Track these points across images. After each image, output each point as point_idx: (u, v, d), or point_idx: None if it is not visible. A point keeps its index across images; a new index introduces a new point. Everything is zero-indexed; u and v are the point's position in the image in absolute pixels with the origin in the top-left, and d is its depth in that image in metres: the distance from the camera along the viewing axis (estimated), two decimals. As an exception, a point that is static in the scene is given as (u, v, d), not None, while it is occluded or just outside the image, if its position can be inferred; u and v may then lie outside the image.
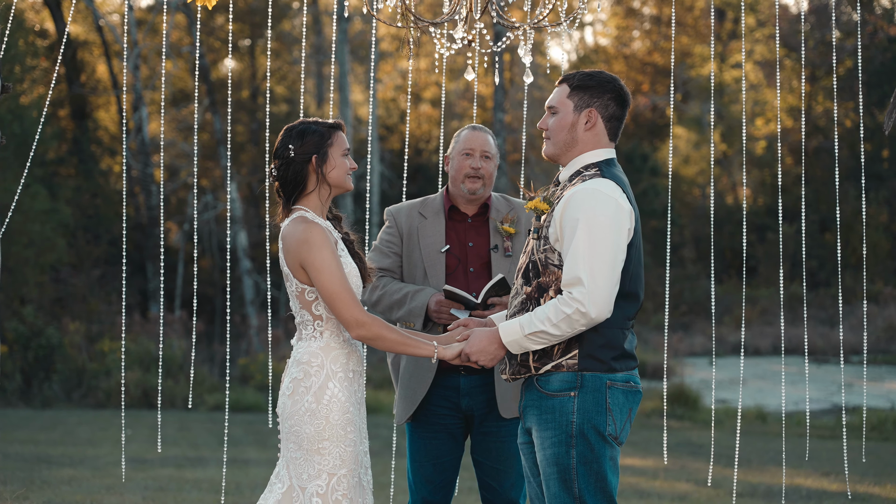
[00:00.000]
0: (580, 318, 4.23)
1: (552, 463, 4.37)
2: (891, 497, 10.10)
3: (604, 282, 4.24)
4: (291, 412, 4.47)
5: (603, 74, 4.55)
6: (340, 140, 4.57)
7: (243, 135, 28.11)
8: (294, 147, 4.53)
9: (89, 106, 27.72)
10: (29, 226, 20.15)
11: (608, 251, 4.26)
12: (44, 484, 10.01)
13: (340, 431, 4.43)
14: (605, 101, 4.51)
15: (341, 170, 4.56)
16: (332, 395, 4.45)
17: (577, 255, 4.26)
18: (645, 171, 29.78)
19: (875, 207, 28.59)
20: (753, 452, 13.46)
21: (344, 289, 4.40)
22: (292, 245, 4.49)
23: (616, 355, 4.38)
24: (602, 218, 4.28)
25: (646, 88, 35.19)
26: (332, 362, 4.48)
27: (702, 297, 27.49)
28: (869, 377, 20.73)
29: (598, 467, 4.34)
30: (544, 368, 4.38)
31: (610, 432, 4.35)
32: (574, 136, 4.51)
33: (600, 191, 4.34)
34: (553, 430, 4.36)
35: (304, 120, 4.61)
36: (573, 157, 4.53)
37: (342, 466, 4.43)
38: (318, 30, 28.85)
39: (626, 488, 10.80)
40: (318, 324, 4.52)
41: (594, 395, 4.35)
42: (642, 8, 36.19)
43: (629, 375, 4.42)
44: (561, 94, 4.54)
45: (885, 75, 27.73)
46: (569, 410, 4.34)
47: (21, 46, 21.78)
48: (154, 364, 18.77)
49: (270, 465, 11.97)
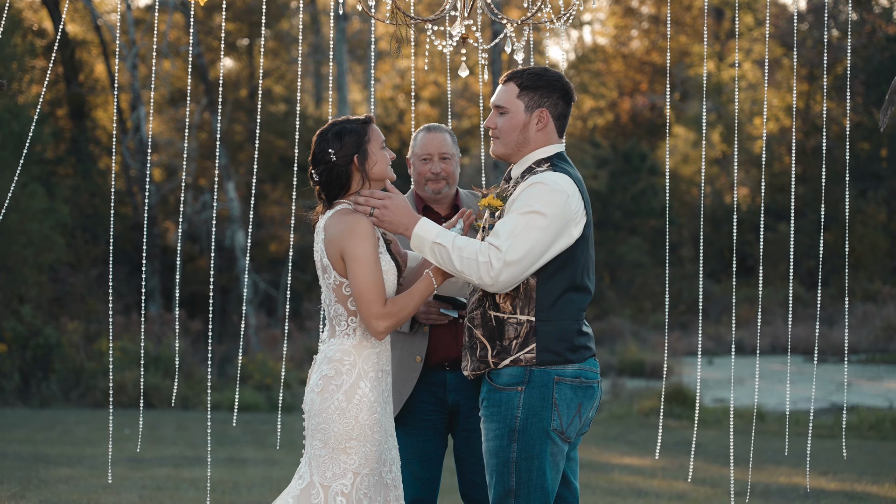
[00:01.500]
0: (484, 274, 4.31)
1: (493, 455, 4.45)
2: (889, 496, 10.10)
3: (517, 261, 4.30)
4: (320, 409, 4.44)
5: (549, 73, 4.58)
6: (376, 134, 4.56)
7: (241, 134, 28.09)
8: (334, 150, 4.49)
9: (87, 105, 27.70)
10: (27, 225, 20.14)
11: (537, 240, 4.32)
12: (41, 483, 10.00)
13: (368, 431, 4.43)
14: (555, 100, 4.56)
15: (383, 163, 4.55)
16: (363, 394, 4.44)
17: (508, 227, 4.33)
18: (643, 170, 29.79)
19: (874, 206, 28.58)
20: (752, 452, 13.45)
21: (375, 285, 4.39)
22: (336, 234, 4.44)
23: (570, 346, 4.43)
24: (546, 209, 4.34)
25: (644, 88, 35.19)
26: (364, 361, 4.47)
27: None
28: (867, 376, 20.72)
29: (539, 463, 4.39)
30: (503, 363, 4.45)
31: (555, 427, 4.40)
32: (526, 136, 4.55)
33: (551, 183, 4.40)
34: (497, 422, 4.44)
35: (335, 121, 4.57)
36: (524, 155, 4.58)
37: (366, 466, 4.44)
38: (317, 29, 28.85)
39: (624, 487, 10.80)
40: (352, 320, 4.49)
41: (541, 390, 4.40)
42: (641, 7, 36.18)
43: (581, 370, 4.46)
44: (509, 93, 4.56)
45: (884, 74, 27.72)
46: (514, 405, 4.41)
47: (19, 45, 21.76)
48: (152, 363, 18.76)
49: (268, 464, 11.96)
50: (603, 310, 27.20)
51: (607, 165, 30.50)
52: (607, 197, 29.75)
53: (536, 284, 4.42)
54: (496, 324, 4.47)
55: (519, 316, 4.43)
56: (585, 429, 4.61)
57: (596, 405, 4.57)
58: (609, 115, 35.74)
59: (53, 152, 25.46)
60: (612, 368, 21.47)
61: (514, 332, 4.44)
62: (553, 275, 4.43)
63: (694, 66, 33.33)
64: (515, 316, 4.43)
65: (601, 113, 35.76)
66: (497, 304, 4.47)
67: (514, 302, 4.44)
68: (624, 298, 28.11)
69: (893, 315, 24.53)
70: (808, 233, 27.62)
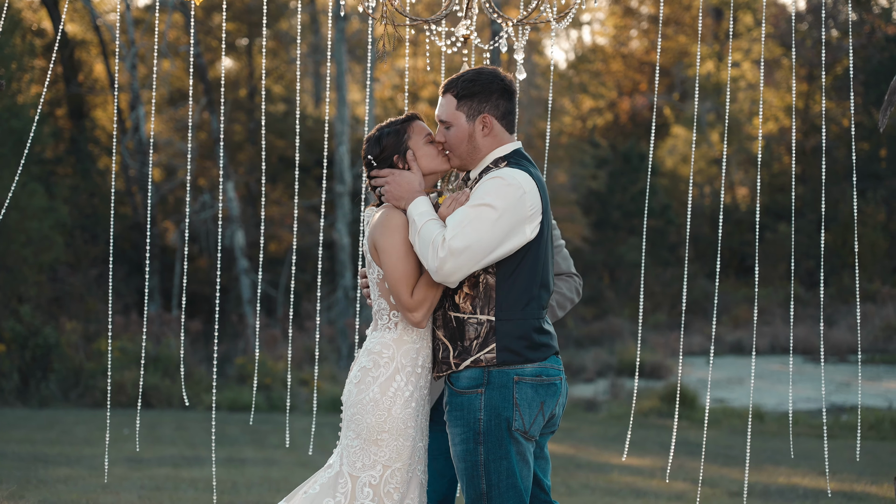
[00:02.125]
0: (430, 259, 4.28)
1: (461, 459, 4.46)
2: (888, 496, 10.10)
3: (460, 251, 4.26)
4: (356, 400, 4.49)
5: (483, 75, 4.52)
6: (419, 129, 4.58)
7: (241, 134, 28.08)
8: (374, 155, 4.58)
9: (87, 105, 27.69)
10: (27, 223, 20.13)
11: (484, 232, 4.28)
12: (39, 483, 9.99)
13: (401, 425, 4.46)
14: (494, 101, 4.51)
15: (427, 158, 4.57)
16: (398, 388, 4.47)
17: (457, 217, 4.30)
18: (642, 170, 29.77)
19: (873, 206, 28.58)
20: (750, 451, 13.44)
21: (405, 276, 4.41)
22: (371, 229, 4.51)
23: (530, 345, 4.41)
24: (498, 202, 4.31)
25: (643, 88, 35.18)
26: (402, 355, 4.50)
27: (700, 297, 27.48)
28: (866, 376, 20.72)
29: (507, 464, 4.39)
30: (464, 364, 4.43)
31: (517, 427, 4.39)
32: (474, 144, 4.52)
33: (508, 178, 4.36)
34: (461, 426, 4.44)
35: (380, 125, 4.64)
36: (479, 160, 4.55)
37: (397, 460, 4.46)
38: (316, 29, 28.83)
39: (623, 487, 10.80)
40: (393, 314, 4.53)
41: (501, 391, 4.39)
42: (640, 7, 36.17)
43: (541, 368, 4.44)
44: (449, 106, 4.52)
45: (883, 74, 27.71)
46: (476, 408, 4.40)
47: (18, 45, 21.75)
48: (152, 363, 18.74)
49: (267, 464, 11.96)
50: (602, 310, 27.20)
51: (606, 165, 30.50)
52: (606, 197, 29.74)
53: (496, 284, 4.40)
54: (457, 324, 4.45)
55: (479, 316, 4.41)
56: (554, 426, 4.61)
57: (562, 401, 4.56)
58: (608, 114, 35.75)
59: (53, 152, 25.45)
60: (612, 368, 21.47)
61: (475, 332, 4.42)
62: (511, 273, 4.40)
63: (693, 66, 33.32)
64: (475, 316, 4.42)
65: (600, 113, 35.76)
66: (457, 304, 4.45)
67: (473, 302, 4.42)
68: (623, 298, 28.11)
69: (893, 315, 24.53)
70: (808, 233, 27.62)
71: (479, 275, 4.41)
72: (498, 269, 4.40)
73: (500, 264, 4.40)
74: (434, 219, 4.37)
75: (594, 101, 35.44)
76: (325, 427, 15.18)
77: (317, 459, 12.03)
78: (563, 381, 4.53)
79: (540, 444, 4.66)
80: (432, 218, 4.36)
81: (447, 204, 4.43)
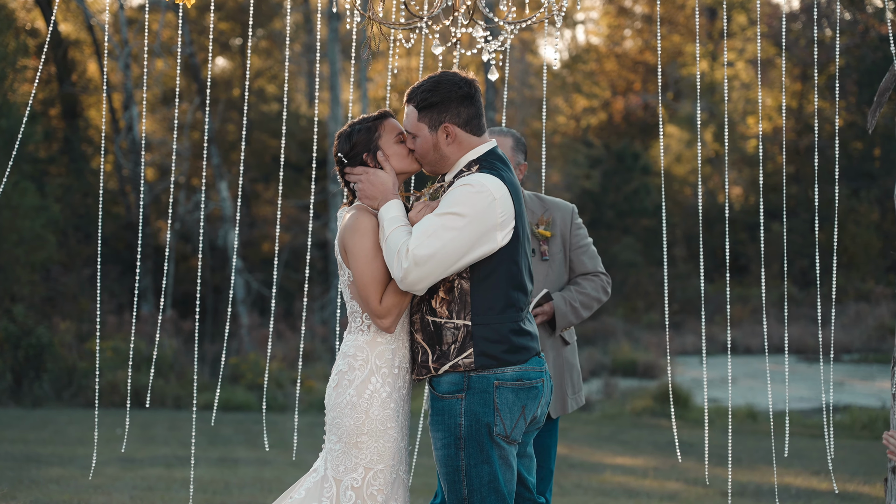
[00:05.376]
0: (395, 268, 4.25)
1: (443, 464, 4.43)
2: (880, 496, 10.10)
3: (425, 261, 4.21)
4: (334, 404, 4.48)
5: (442, 83, 4.46)
6: (390, 127, 4.55)
7: (234, 133, 28.06)
8: (343, 152, 4.54)
9: (80, 105, 27.66)
10: (19, 222, 20.09)
11: (449, 240, 4.23)
12: (32, 483, 9.97)
13: (380, 426, 4.44)
14: (454, 109, 4.45)
15: (397, 157, 4.52)
16: (374, 389, 4.45)
17: (423, 226, 4.25)
18: (636, 169, 29.80)
19: (866, 206, 28.61)
20: (744, 451, 13.46)
21: (373, 281, 4.37)
22: (341, 231, 4.48)
23: (508, 348, 4.37)
24: (465, 210, 4.26)
25: (637, 87, 35.20)
26: (377, 357, 4.47)
27: (693, 296, 27.50)
28: (860, 376, 20.75)
29: (490, 468, 4.37)
30: (442, 369, 4.40)
31: (498, 432, 4.37)
32: (440, 153, 4.48)
33: (476, 185, 4.31)
34: (443, 431, 4.41)
35: (352, 121, 4.60)
36: (451, 165, 4.51)
37: (379, 462, 4.45)
38: (309, 28, 28.81)
39: (616, 487, 10.80)
40: (365, 316, 4.50)
41: (482, 395, 4.36)
42: (634, 7, 36.19)
43: (522, 372, 4.41)
44: (411, 117, 4.50)
45: (877, 74, 27.74)
46: (457, 413, 4.38)
47: (11, 44, 21.72)
48: (145, 363, 18.72)
49: (259, 464, 11.95)
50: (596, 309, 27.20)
51: (600, 165, 30.51)
52: (600, 196, 29.76)
53: (470, 288, 4.36)
54: (434, 329, 4.42)
55: (455, 321, 4.38)
56: (538, 425, 4.58)
57: (545, 402, 4.52)
58: (602, 114, 35.75)
59: (46, 151, 25.40)
60: (605, 368, 21.47)
61: (452, 336, 4.38)
62: (486, 278, 4.36)
63: (687, 65, 33.34)
64: (452, 321, 4.38)
65: (594, 112, 35.77)
66: (433, 308, 4.42)
67: (449, 307, 4.39)
68: (617, 298, 28.12)
69: (886, 315, 24.57)
70: (801, 232, 27.64)
71: (454, 279, 4.37)
72: (472, 273, 4.36)
73: (473, 269, 4.35)
74: (403, 225, 4.32)
75: (588, 101, 35.45)
76: (318, 427, 15.17)
77: (308, 460, 12.02)
78: (544, 382, 4.49)
79: (524, 443, 4.63)
80: (401, 224, 4.32)
81: (418, 209, 4.40)
